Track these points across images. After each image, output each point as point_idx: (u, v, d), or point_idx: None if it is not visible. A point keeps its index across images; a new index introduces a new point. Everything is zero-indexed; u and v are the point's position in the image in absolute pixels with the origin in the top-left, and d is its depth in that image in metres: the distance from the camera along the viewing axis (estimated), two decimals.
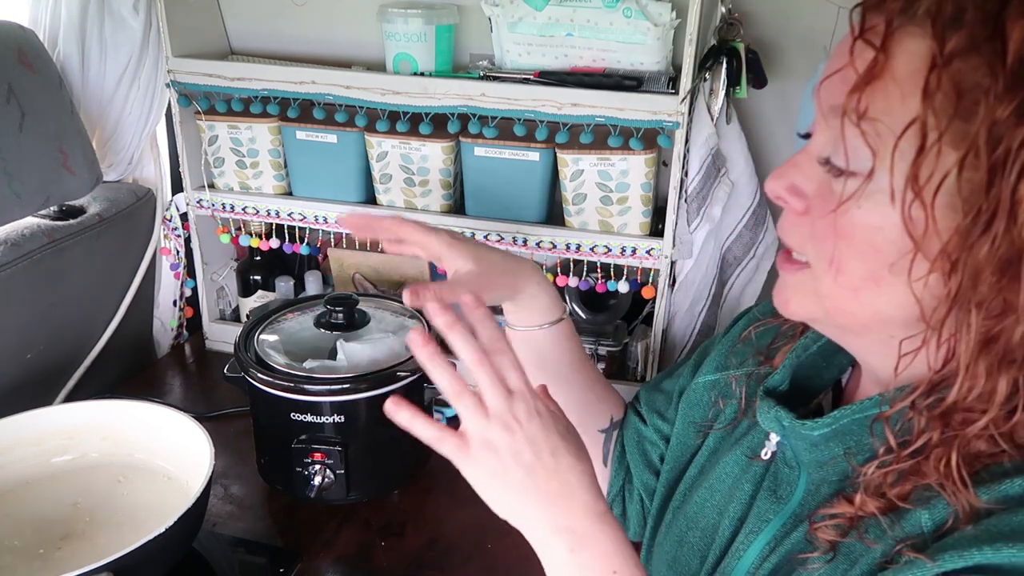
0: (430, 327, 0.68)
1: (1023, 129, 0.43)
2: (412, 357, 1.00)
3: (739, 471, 0.68)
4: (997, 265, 0.46)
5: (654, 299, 1.19)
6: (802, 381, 0.67)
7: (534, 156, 1.15)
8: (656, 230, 1.17)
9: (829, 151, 0.52)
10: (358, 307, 1.06)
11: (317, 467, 0.98)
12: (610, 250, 1.16)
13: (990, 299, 0.46)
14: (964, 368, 0.48)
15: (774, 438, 0.65)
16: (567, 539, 0.57)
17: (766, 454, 0.66)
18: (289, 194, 1.31)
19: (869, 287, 0.51)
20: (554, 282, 1.20)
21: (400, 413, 0.59)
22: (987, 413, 0.48)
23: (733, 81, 1.07)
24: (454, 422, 0.61)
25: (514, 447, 0.57)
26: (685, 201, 1.12)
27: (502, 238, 1.20)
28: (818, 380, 0.67)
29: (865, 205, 0.49)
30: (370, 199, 1.27)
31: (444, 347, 0.60)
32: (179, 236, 1.36)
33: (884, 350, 0.54)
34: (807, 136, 0.56)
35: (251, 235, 1.33)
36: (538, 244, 1.19)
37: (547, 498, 0.57)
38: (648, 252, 1.15)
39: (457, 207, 1.25)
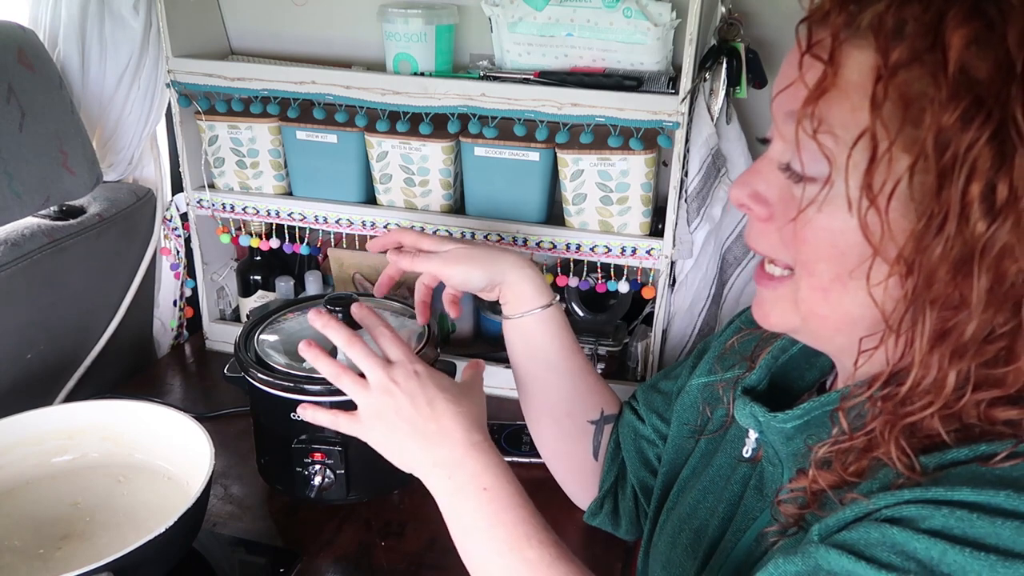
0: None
1: (968, 134, 0.45)
2: None
3: (729, 472, 0.69)
4: (951, 265, 0.47)
5: (654, 299, 1.19)
6: (785, 383, 0.69)
7: (534, 156, 1.15)
8: (656, 230, 1.17)
9: (788, 157, 0.53)
10: None
11: (317, 467, 0.98)
12: (610, 250, 1.16)
13: (944, 296, 0.48)
14: (918, 361, 0.50)
15: (753, 435, 0.66)
16: (444, 469, 0.68)
17: (747, 452, 0.67)
18: (289, 194, 1.31)
19: (837, 288, 0.53)
20: (554, 282, 1.21)
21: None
22: (935, 402, 0.50)
23: (733, 81, 1.07)
24: None
25: (395, 405, 0.70)
26: (685, 201, 1.12)
27: (502, 238, 1.20)
28: (801, 382, 0.69)
29: (826, 210, 0.51)
30: (370, 199, 1.27)
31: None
32: (179, 236, 1.36)
33: (855, 351, 0.55)
34: (765, 141, 0.58)
35: (251, 235, 1.33)
36: (538, 244, 1.19)
37: (426, 439, 0.69)
38: (648, 252, 1.15)
39: (457, 207, 1.25)
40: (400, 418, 0.69)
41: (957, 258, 0.47)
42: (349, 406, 0.75)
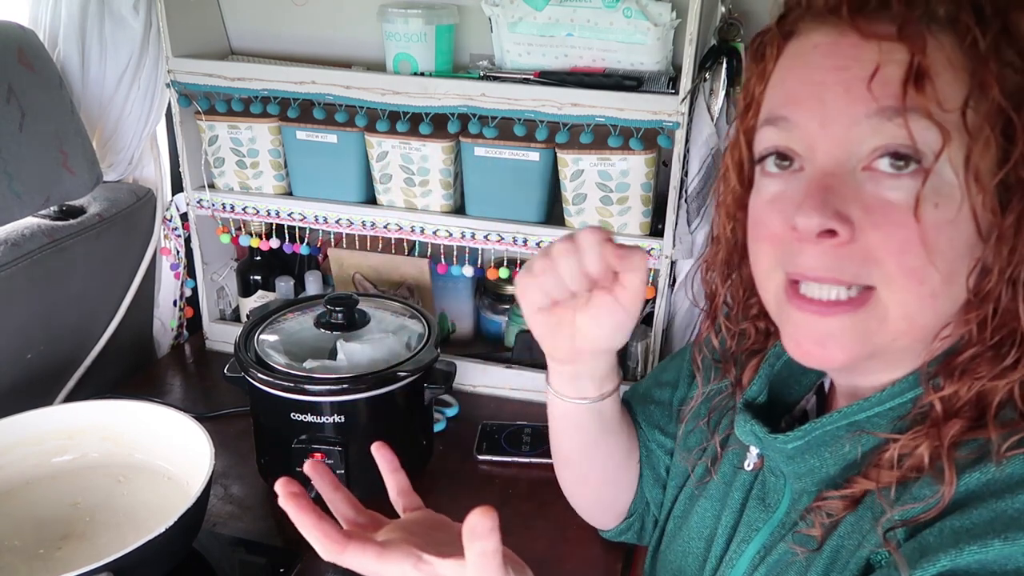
0: None
1: None
2: (412, 357, 1.00)
3: (731, 481, 0.68)
4: None
5: (654, 299, 1.19)
6: (782, 388, 0.67)
7: (534, 156, 1.15)
8: (656, 230, 1.17)
9: (878, 152, 0.49)
10: (358, 307, 1.06)
11: None
12: None
13: None
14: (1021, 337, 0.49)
15: (754, 449, 0.65)
16: None
17: (749, 465, 0.66)
18: (289, 194, 1.31)
19: (945, 291, 0.50)
20: None
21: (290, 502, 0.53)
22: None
23: (733, 81, 1.07)
24: (453, 421, 0.62)
25: None
26: (685, 201, 1.12)
27: (502, 238, 1.20)
28: (798, 387, 0.68)
29: (941, 203, 0.48)
30: (370, 199, 1.27)
31: None
32: (179, 236, 1.36)
33: (881, 365, 0.55)
34: (774, 122, 0.54)
35: (251, 235, 1.33)
36: (538, 244, 1.19)
37: None
38: (648, 252, 1.15)
39: (457, 207, 1.25)
40: None
41: None
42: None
